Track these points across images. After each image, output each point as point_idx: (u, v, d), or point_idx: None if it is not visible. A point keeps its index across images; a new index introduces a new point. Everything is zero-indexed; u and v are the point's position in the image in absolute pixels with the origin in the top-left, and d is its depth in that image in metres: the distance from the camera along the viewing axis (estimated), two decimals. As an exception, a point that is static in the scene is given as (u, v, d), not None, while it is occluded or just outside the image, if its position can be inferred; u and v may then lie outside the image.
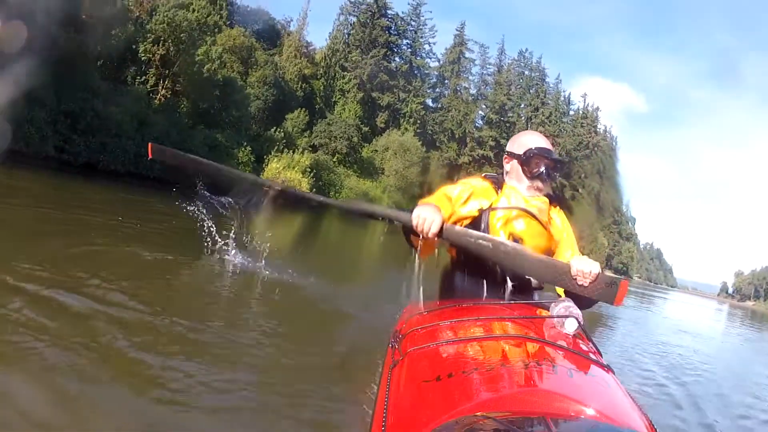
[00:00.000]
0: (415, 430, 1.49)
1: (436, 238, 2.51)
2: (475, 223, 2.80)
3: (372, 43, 64.29)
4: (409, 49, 70.86)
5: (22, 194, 11.03)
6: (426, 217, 2.48)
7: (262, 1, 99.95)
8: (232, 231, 6.31)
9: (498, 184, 2.95)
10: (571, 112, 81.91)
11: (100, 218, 9.29)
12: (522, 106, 76.56)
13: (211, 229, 6.37)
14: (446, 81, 72.88)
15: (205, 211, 6.12)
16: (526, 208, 2.83)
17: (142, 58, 30.28)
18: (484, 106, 73.81)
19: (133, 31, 29.27)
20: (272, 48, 50.75)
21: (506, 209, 2.82)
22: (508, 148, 3.02)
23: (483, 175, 3.06)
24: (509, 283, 2.71)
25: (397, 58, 68.94)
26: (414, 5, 70.50)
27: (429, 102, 71.12)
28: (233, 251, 6.40)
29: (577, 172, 75.65)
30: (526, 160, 2.86)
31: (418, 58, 71.15)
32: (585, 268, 2.42)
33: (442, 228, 2.51)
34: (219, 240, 6.38)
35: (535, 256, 2.59)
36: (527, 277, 2.75)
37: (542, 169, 2.86)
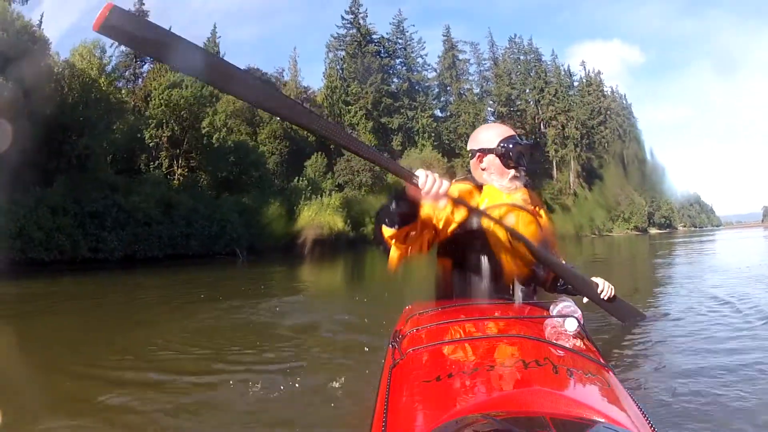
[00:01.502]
0: (415, 430, 1.47)
1: (442, 201, 2.31)
2: (467, 224, 2.68)
3: (367, 71, 64.27)
4: (404, 67, 70.98)
5: (84, 296, 11.81)
6: (435, 176, 2.26)
7: (250, 59, 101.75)
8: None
9: (476, 185, 2.84)
10: (576, 84, 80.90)
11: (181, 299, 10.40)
12: (527, 91, 76.07)
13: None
14: (448, 88, 72.91)
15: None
16: (512, 203, 2.76)
17: (150, 144, 30.61)
18: (491, 102, 73.56)
19: (133, 120, 29.64)
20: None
21: (495, 207, 2.72)
22: (477, 146, 2.90)
23: (455, 179, 2.89)
24: (514, 280, 2.71)
25: (395, 79, 69.20)
26: (396, 23, 70.88)
27: (438, 113, 71.05)
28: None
29: (599, 140, 75.02)
30: (504, 151, 2.79)
31: (415, 73, 71.20)
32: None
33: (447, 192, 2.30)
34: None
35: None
36: (530, 272, 2.79)
37: (517, 156, 2.78)
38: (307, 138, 48.57)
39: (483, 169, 2.85)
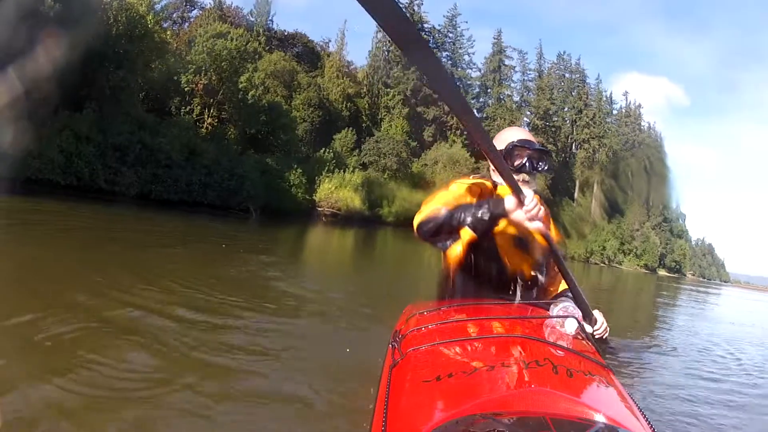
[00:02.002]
0: (415, 430, 1.48)
1: (535, 224, 2.30)
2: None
3: (412, 57, 63.34)
4: (449, 61, 70.28)
5: (120, 226, 13.10)
6: (537, 203, 2.27)
7: (299, 25, 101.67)
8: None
9: (493, 183, 2.84)
10: (614, 112, 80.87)
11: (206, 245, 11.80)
12: (565, 109, 75.84)
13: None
14: (489, 90, 72.30)
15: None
16: None
17: (185, 89, 30.49)
18: (528, 113, 73.05)
19: (173, 63, 29.56)
20: (313, 70, 51.19)
21: None
22: None
23: (472, 175, 2.93)
24: (519, 283, 2.69)
25: (438, 71, 68.03)
26: (449, 17, 70.34)
27: (474, 112, 70.15)
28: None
29: (624, 170, 74.61)
30: (509, 153, 2.77)
31: (459, 69, 70.65)
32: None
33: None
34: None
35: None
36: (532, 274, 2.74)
37: (525, 161, 2.76)
38: (340, 112, 48.48)
39: (493, 171, 2.82)
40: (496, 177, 2.80)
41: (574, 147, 73.99)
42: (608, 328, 2.75)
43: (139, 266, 6.84)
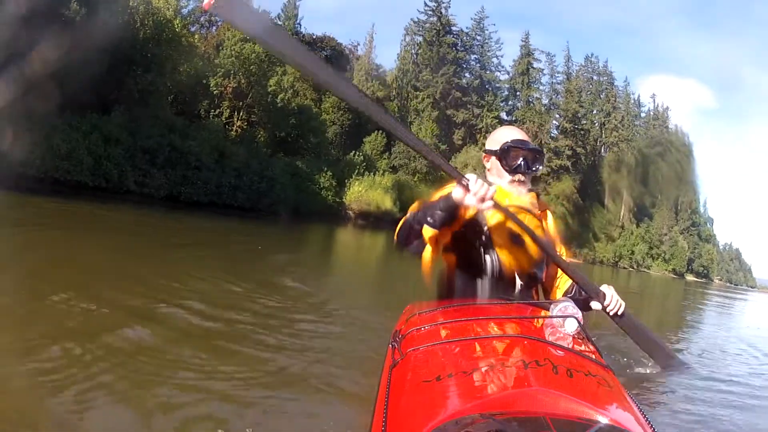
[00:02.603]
0: (415, 430, 1.48)
1: (487, 204, 2.30)
2: (473, 223, 2.65)
3: (441, 61, 63.54)
4: (478, 64, 69.89)
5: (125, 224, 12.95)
6: (481, 181, 2.29)
7: (328, 28, 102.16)
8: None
9: (488, 183, 2.62)
10: (642, 115, 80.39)
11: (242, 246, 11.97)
12: (594, 112, 75.10)
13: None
14: (518, 93, 71.64)
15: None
16: (520, 204, 2.74)
17: (214, 92, 30.60)
18: (557, 116, 72.34)
19: (201, 66, 29.63)
20: (342, 73, 50.29)
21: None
22: (486, 147, 2.99)
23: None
24: (518, 282, 2.70)
25: (467, 74, 68.04)
26: (477, 20, 69.90)
27: (503, 115, 69.88)
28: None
29: (654, 174, 73.72)
30: (503, 154, 2.81)
31: (488, 72, 70.08)
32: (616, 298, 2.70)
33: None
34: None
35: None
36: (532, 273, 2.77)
37: (520, 161, 2.79)
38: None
39: (488, 170, 2.92)
40: (493, 178, 2.83)
41: (603, 150, 73.25)
42: (622, 303, 2.74)
43: (168, 264, 7.04)
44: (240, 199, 26.46)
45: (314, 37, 51.14)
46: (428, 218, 2.45)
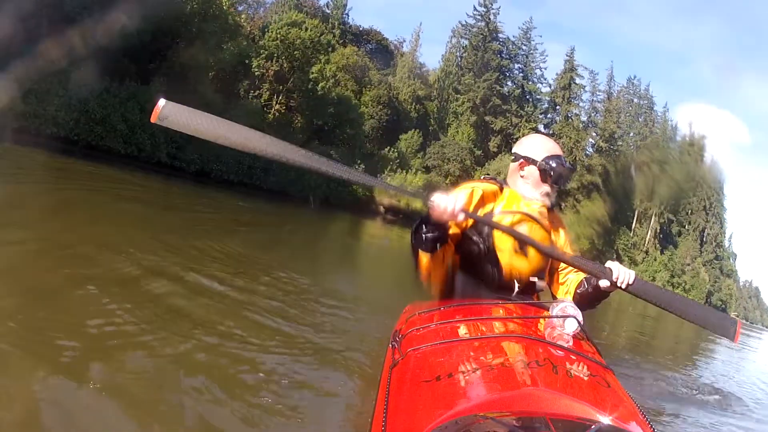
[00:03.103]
0: (415, 430, 1.49)
1: (460, 216, 2.27)
2: (478, 225, 2.65)
3: (484, 66, 63.20)
4: (521, 74, 69.42)
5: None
6: (447, 196, 2.28)
7: (375, 21, 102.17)
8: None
9: (499, 185, 2.84)
10: (677, 139, 78.93)
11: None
12: (631, 134, 74.89)
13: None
14: (557, 107, 70.95)
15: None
16: (529, 213, 2.74)
17: (255, 73, 30.47)
18: (594, 134, 71.48)
19: (245, 46, 29.44)
20: (385, 68, 51.27)
21: (510, 213, 2.73)
22: (522, 152, 2.86)
23: (482, 176, 2.98)
24: (516, 284, 2.68)
25: (509, 83, 67.73)
26: (524, 30, 69.45)
27: (541, 127, 69.36)
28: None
29: (684, 207, 74.67)
30: (546, 166, 2.77)
31: (530, 82, 69.66)
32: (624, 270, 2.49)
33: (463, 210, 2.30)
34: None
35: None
36: (531, 278, 2.74)
37: (559, 176, 2.77)
38: (408, 112, 48.35)
39: (522, 177, 2.84)
40: (526, 185, 2.79)
41: (633, 170, 72.43)
42: (631, 273, 2.54)
43: (197, 240, 6.86)
44: (270, 182, 26.51)
45: (361, 29, 51.09)
46: (421, 246, 2.46)
